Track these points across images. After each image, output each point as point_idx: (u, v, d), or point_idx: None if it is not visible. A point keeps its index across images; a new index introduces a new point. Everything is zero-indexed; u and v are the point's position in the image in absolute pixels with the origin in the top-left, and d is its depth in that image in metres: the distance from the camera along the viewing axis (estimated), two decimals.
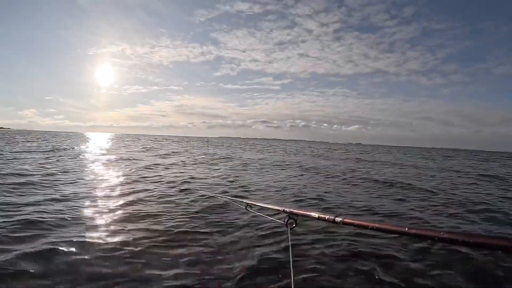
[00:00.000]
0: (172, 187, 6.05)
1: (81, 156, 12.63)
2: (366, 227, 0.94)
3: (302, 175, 9.41)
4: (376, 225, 0.91)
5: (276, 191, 6.25)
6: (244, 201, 1.87)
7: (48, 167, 8.31)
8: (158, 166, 10.05)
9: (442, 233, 0.66)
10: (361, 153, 29.44)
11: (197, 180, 7.18)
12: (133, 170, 8.58)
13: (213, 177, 7.99)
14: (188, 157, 14.83)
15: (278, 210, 1.40)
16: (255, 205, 1.76)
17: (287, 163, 13.38)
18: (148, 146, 23.84)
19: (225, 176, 8.16)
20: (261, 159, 15.61)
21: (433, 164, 17.42)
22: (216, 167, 10.58)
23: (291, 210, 1.29)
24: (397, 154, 30.67)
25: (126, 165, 9.84)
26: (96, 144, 24.83)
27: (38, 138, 31.33)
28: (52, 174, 7.01)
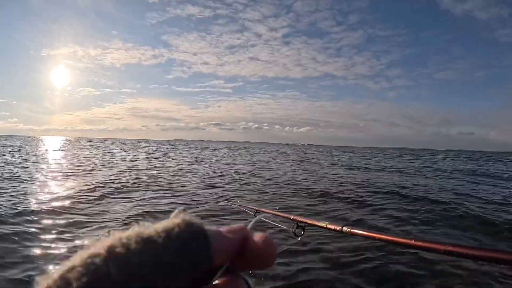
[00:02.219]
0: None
1: None
2: (373, 238, 0.95)
3: None
4: (383, 236, 0.91)
5: None
6: (253, 207, 1.90)
7: None
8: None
9: (448, 246, 0.67)
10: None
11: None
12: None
13: None
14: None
15: (286, 217, 1.41)
16: (264, 211, 1.78)
17: None
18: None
19: None
20: None
21: None
22: None
23: (300, 218, 1.30)
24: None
25: None
26: None
27: None
28: None
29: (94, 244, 0.17)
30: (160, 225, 0.18)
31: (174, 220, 0.19)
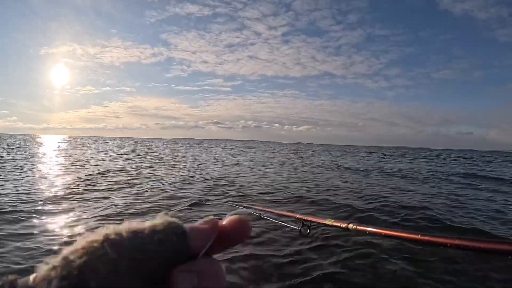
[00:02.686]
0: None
1: None
2: (379, 234, 0.97)
3: None
4: (390, 232, 0.93)
5: None
6: (258, 207, 1.91)
7: None
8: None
9: (455, 240, 0.68)
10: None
11: None
12: None
13: None
14: None
15: (292, 217, 1.43)
16: (269, 211, 1.80)
17: None
18: None
19: None
20: None
21: None
22: None
23: (305, 217, 1.31)
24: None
25: None
26: None
27: None
28: None
29: (91, 235, 0.21)
30: (147, 222, 0.23)
31: (158, 219, 0.23)
